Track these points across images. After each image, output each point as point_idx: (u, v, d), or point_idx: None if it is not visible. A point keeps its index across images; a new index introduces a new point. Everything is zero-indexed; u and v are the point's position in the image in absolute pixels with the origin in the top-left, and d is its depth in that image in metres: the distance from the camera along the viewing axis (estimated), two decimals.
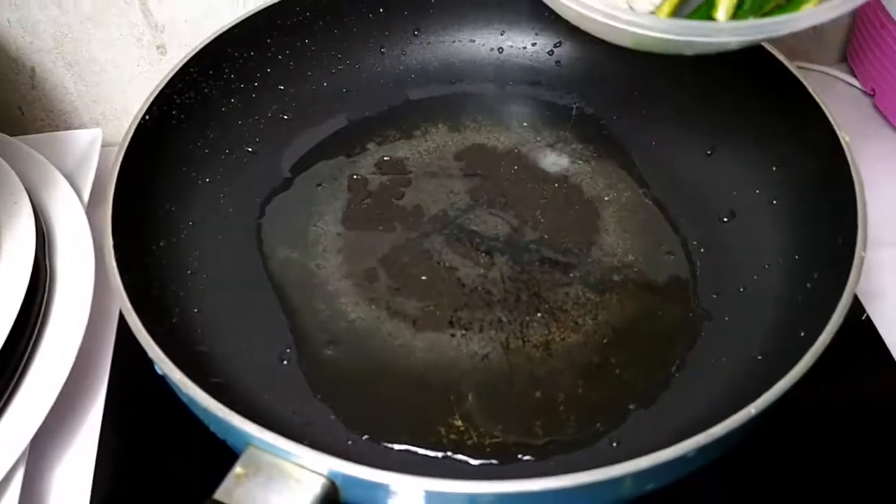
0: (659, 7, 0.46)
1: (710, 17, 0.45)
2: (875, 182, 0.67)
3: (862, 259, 0.44)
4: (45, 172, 0.63)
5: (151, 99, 0.54)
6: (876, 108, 0.76)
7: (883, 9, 0.71)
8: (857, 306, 0.58)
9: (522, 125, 0.65)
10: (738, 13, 0.45)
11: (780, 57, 0.55)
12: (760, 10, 0.45)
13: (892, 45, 0.71)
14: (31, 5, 0.67)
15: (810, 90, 0.53)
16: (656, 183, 0.61)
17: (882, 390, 0.54)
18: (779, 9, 0.45)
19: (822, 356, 0.41)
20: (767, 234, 0.54)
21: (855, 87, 0.79)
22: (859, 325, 0.57)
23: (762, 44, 0.56)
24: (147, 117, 0.53)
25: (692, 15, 0.47)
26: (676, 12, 0.47)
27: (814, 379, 0.41)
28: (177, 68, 0.56)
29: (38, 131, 0.74)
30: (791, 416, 0.49)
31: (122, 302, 0.44)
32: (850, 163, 0.49)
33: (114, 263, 0.45)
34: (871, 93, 0.77)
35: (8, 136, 0.66)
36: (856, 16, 0.79)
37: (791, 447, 0.50)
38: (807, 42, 0.81)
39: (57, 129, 0.76)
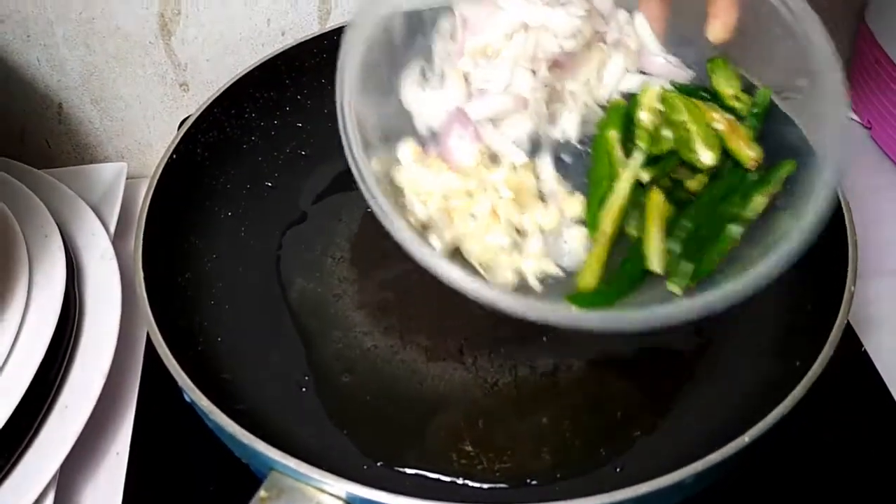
0: (583, 271, 0.44)
1: (643, 268, 0.44)
2: (872, 213, 0.69)
3: (852, 293, 0.46)
4: (73, 205, 0.66)
5: (178, 138, 0.57)
6: (873, 140, 0.79)
7: (879, 46, 0.73)
8: (855, 337, 0.59)
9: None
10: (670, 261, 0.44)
11: (775, 98, 0.57)
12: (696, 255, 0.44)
13: (888, 81, 0.73)
14: (59, 45, 0.71)
15: (802, 128, 0.55)
16: None
17: (876, 418, 0.55)
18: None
19: (821, 385, 0.43)
20: None
21: (852, 119, 0.81)
22: (857, 355, 0.58)
23: (757, 84, 0.58)
24: (174, 156, 0.56)
25: (626, 265, 0.45)
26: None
27: (811, 407, 0.43)
28: (201, 109, 0.59)
29: (64, 164, 0.77)
30: (788, 442, 0.51)
31: (152, 333, 0.46)
32: (842, 199, 0.51)
33: (145, 296, 0.47)
34: (868, 126, 0.79)
35: (36, 170, 0.69)
36: (852, 51, 0.81)
37: (789, 472, 0.52)
38: None
39: (82, 162, 0.79)
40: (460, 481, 0.48)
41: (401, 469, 0.48)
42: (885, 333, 0.61)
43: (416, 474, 0.48)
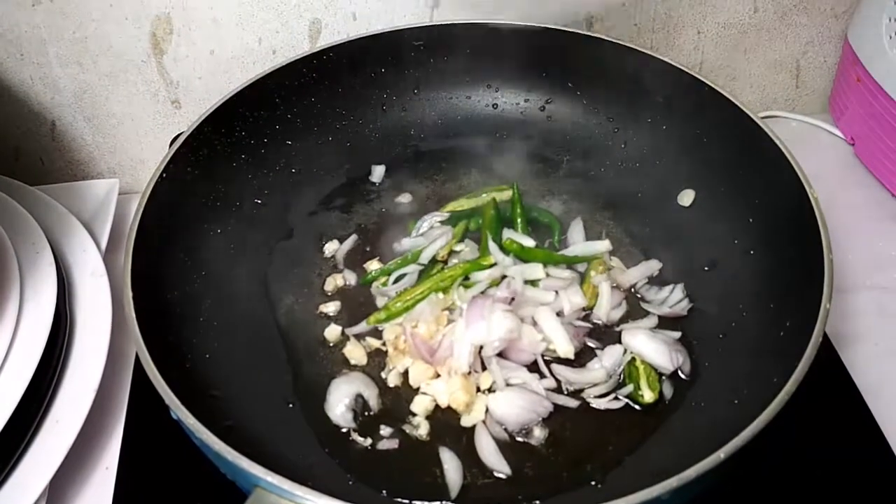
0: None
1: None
2: (854, 227, 0.70)
3: (827, 311, 0.47)
4: (65, 221, 0.66)
5: (169, 156, 0.57)
6: (856, 156, 0.80)
7: (861, 64, 0.75)
8: (833, 352, 0.60)
9: (515, 177, 0.68)
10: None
11: (755, 117, 0.58)
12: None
13: (869, 98, 0.75)
14: (52, 63, 0.72)
15: (782, 148, 0.56)
16: (642, 233, 0.64)
17: (851, 430, 0.56)
18: None
19: (797, 398, 0.43)
20: (745, 282, 0.57)
21: (836, 136, 0.83)
22: (835, 370, 0.59)
23: (737, 103, 0.59)
24: (164, 175, 0.56)
25: None
26: None
27: (789, 421, 0.43)
28: (192, 127, 0.60)
29: (57, 181, 0.78)
30: (768, 456, 0.52)
31: (140, 350, 0.46)
32: (819, 219, 0.51)
33: (133, 315, 0.48)
34: (851, 142, 0.81)
35: (29, 186, 0.69)
36: (836, 69, 0.83)
37: (769, 485, 0.52)
38: (790, 93, 0.85)
39: (75, 178, 0.79)
40: (443, 497, 0.49)
41: (384, 486, 0.49)
42: (862, 348, 0.61)
43: (399, 491, 0.49)
